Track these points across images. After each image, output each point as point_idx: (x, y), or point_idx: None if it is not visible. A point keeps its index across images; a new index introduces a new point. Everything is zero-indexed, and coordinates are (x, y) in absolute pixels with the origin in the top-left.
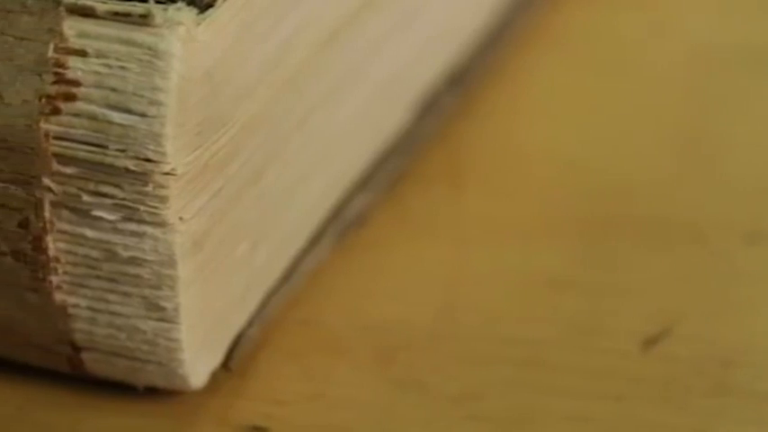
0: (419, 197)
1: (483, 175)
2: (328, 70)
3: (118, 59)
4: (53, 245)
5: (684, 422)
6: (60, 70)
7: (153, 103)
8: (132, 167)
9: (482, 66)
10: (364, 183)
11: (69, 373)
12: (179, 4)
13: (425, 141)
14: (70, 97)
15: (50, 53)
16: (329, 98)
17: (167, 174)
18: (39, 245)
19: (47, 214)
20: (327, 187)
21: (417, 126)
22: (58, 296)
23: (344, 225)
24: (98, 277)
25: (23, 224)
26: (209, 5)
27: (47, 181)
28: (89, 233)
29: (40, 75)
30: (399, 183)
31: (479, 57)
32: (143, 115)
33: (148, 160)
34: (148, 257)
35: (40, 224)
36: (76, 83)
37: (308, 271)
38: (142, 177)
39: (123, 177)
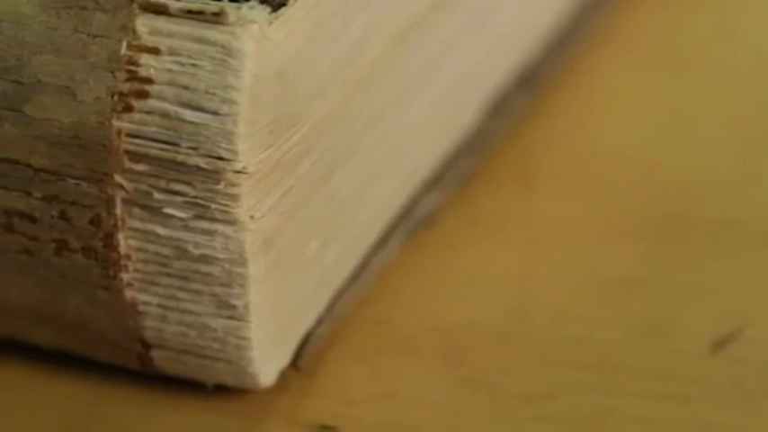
0: (489, 197)
1: (554, 176)
2: (400, 69)
3: (190, 57)
4: (124, 242)
5: (753, 425)
6: (133, 68)
7: (225, 101)
8: (204, 165)
9: (553, 66)
10: (434, 182)
11: (139, 370)
12: (252, 3)
13: (496, 141)
14: (143, 95)
15: (123, 50)
16: (401, 97)
17: (239, 172)
18: (110, 242)
19: (118, 211)
20: (398, 186)
21: (488, 126)
22: (129, 293)
23: (414, 224)
24: (169, 275)
25: (95, 221)
26: (282, 4)
27: (119, 178)
28: (160, 231)
29: (112, 72)
30: (470, 183)
31: (550, 56)
32: (215, 113)
33: (220, 158)
34: (219, 255)
35: (112, 221)
36: (149, 80)
37: (378, 270)
38: (214, 175)
39: (195, 175)
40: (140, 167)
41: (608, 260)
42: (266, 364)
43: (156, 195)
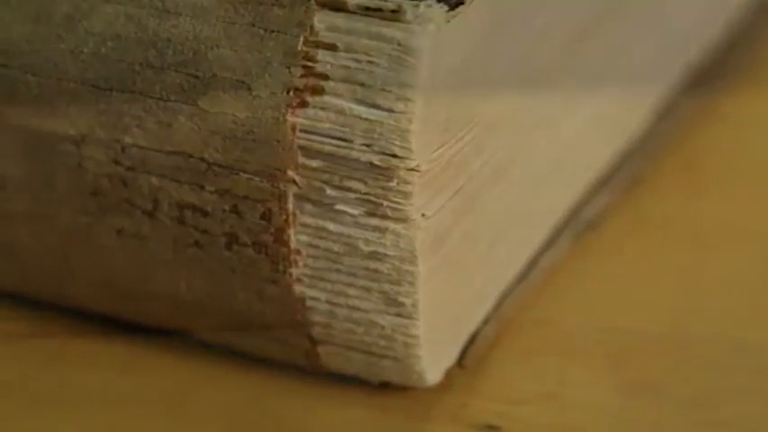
0: (657, 200)
1: (722, 180)
2: (573, 70)
3: (367, 54)
4: (295, 237)
5: None
6: (309, 63)
7: (400, 98)
8: (377, 162)
9: (724, 69)
10: (602, 185)
11: (305, 366)
12: (429, 1)
13: (665, 144)
14: (318, 91)
15: (300, 46)
16: (572, 98)
17: (412, 170)
18: (281, 237)
19: (290, 207)
20: (566, 187)
21: (657, 129)
22: (298, 289)
23: (581, 227)
24: (338, 271)
25: (266, 216)
26: (460, 3)
27: (291, 174)
28: (331, 227)
29: (288, 67)
30: (638, 186)
31: (721, 60)
32: (390, 111)
33: (394, 156)
34: (389, 253)
35: (283, 217)
36: (325, 76)
37: (545, 271)
38: (386, 173)
39: (368, 172)
40: (313, 163)
41: None
42: (433, 362)
43: (329, 191)
